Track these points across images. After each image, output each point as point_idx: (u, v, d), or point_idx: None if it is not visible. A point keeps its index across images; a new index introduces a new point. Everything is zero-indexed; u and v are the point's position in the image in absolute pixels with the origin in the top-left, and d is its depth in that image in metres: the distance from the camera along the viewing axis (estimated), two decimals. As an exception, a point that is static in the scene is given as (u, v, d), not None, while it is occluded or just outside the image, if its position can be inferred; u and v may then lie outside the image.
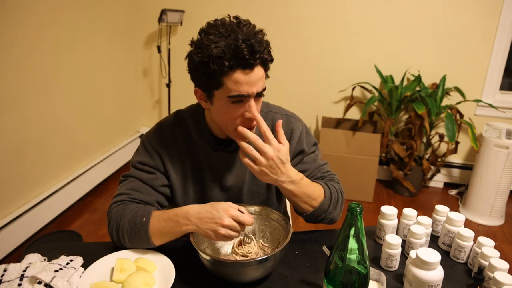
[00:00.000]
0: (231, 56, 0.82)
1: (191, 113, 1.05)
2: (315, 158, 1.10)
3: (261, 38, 0.86)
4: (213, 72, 0.84)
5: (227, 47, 0.81)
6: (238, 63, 0.83)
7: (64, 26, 2.27)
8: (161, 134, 1.03)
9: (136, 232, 0.91)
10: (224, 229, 0.83)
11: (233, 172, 1.05)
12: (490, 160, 2.41)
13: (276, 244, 0.96)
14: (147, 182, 1.00)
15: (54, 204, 2.27)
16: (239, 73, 0.84)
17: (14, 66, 1.95)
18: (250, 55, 0.82)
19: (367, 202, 2.67)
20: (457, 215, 0.98)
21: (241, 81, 0.85)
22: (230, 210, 0.84)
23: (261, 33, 0.87)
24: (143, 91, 3.28)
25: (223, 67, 0.82)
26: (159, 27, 2.98)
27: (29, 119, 2.08)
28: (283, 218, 0.96)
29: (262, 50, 0.84)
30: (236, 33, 0.82)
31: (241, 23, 0.86)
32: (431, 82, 2.75)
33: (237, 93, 0.86)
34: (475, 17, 2.58)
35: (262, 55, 0.85)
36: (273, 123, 1.05)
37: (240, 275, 0.84)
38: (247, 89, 0.86)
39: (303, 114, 1.15)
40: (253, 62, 0.84)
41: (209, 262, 0.83)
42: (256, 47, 0.83)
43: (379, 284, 0.80)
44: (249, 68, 0.84)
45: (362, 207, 0.66)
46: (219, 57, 0.82)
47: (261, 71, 0.88)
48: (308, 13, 2.80)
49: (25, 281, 0.80)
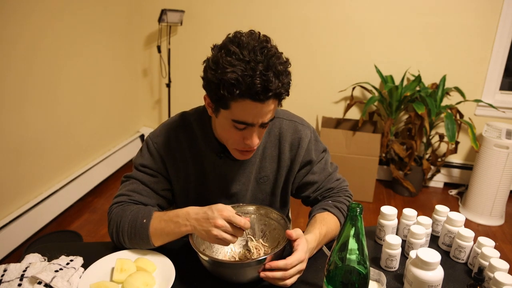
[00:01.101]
0: (244, 87, 0.78)
1: (197, 117, 1.02)
2: (325, 166, 1.08)
3: (281, 71, 0.80)
4: (222, 96, 0.80)
5: (243, 77, 0.77)
6: (249, 93, 0.79)
7: (64, 26, 2.27)
8: (165, 137, 1.01)
9: (136, 233, 0.91)
10: (216, 230, 0.80)
11: (237, 179, 1.04)
12: (490, 160, 2.41)
13: (276, 244, 0.95)
14: (149, 185, 0.99)
15: (54, 204, 2.27)
16: (248, 102, 0.80)
17: (14, 66, 1.95)
18: (263, 90, 0.78)
19: (367, 202, 2.67)
20: (457, 215, 0.97)
21: (249, 111, 0.82)
22: (224, 211, 0.81)
23: (284, 64, 0.81)
24: (143, 91, 3.28)
25: (233, 94, 0.79)
26: (159, 27, 2.98)
27: (29, 119, 2.08)
28: (282, 217, 0.95)
29: (278, 87, 0.79)
30: (256, 62, 0.77)
31: (266, 48, 0.80)
32: (431, 82, 2.75)
33: (242, 120, 0.84)
34: (475, 17, 2.58)
35: (276, 91, 0.80)
36: (281, 130, 1.03)
37: (240, 275, 0.83)
38: (253, 119, 0.84)
39: (303, 114, 1.14)
40: (265, 97, 0.80)
41: (208, 263, 0.83)
42: (272, 84, 0.78)
43: (379, 285, 0.80)
44: (260, 102, 0.80)
45: (362, 207, 0.66)
46: (232, 84, 0.78)
47: (273, 105, 0.84)
48: (308, 13, 2.80)
49: (25, 281, 0.80)
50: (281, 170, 1.05)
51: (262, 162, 1.04)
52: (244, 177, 1.04)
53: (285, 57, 0.84)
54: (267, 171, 1.05)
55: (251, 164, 1.03)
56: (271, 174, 1.06)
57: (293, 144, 1.03)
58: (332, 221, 0.98)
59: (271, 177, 1.06)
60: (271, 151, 1.04)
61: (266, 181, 1.06)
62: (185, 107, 1.11)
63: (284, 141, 1.03)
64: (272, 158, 1.05)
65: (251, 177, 1.04)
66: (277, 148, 1.04)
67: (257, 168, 1.04)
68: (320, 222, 0.96)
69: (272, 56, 0.79)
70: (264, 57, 0.78)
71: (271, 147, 1.04)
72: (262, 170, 1.05)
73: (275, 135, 1.04)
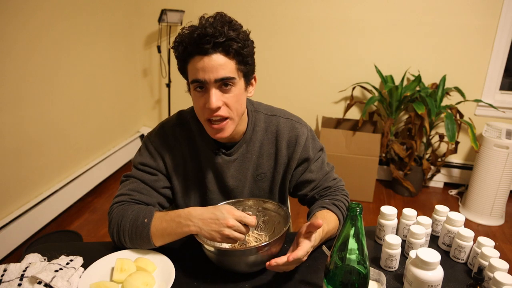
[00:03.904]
0: (187, 42, 0.85)
1: (194, 114, 1.03)
2: (322, 165, 1.08)
3: (227, 23, 0.85)
4: (178, 59, 0.90)
5: (186, 34, 0.86)
6: (194, 49, 0.85)
7: (64, 26, 2.27)
8: (163, 135, 1.02)
9: (137, 232, 0.91)
10: (228, 230, 0.83)
11: (233, 175, 1.05)
12: (490, 160, 2.41)
13: (272, 230, 0.97)
14: (149, 183, 1.00)
15: (54, 204, 2.27)
16: (196, 59, 0.86)
17: (14, 66, 1.95)
18: (201, 38, 0.84)
19: (367, 202, 2.67)
20: (457, 215, 0.97)
21: (197, 66, 0.86)
22: (234, 211, 0.85)
23: (230, 24, 0.86)
24: (143, 91, 3.28)
25: (183, 54, 0.87)
26: (159, 27, 2.98)
27: (29, 119, 2.08)
28: (278, 206, 0.98)
29: (217, 35, 0.84)
30: (204, 24, 0.85)
31: (220, 14, 0.87)
32: (431, 82, 2.75)
33: (195, 78, 0.88)
34: (475, 17, 2.58)
35: (217, 40, 0.84)
36: (278, 127, 1.04)
37: (244, 263, 0.84)
38: (203, 75, 0.86)
39: (303, 114, 1.15)
40: (208, 48, 0.84)
41: (213, 254, 0.85)
42: (210, 32, 0.83)
43: (379, 284, 0.80)
44: (205, 54, 0.85)
45: (362, 207, 0.66)
46: (180, 43, 0.87)
47: (222, 58, 0.86)
48: (308, 13, 2.80)
49: (25, 281, 0.80)
50: (278, 167, 1.06)
51: (259, 159, 1.05)
52: (240, 174, 1.05)
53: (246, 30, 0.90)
54: (264, 168, 1.06)
55: (247, 160, 1.04)
56: (269, 171, 1.07)
57: (290, 141, 1.04)
58: (332, 219, 0.98)
59: (269, 174, 1.07)
60: (268, 148, 1.05)
61: (263, 178, 1.07)
62: (185, 107, 1.11)
63: (281, 138, 1.04)
64: (269, 156, 1.05)
65: (248, 173, 1.05)
66: (274, 146, 1.05)
67: (254, 165, 1.05)
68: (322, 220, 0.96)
69: (221, 18, 0.86)
70: (213, 20, 0.86)
71: (268, 144, 1.05)
72: (259, 167, 1.06)
73: (272, 132, 1.05)
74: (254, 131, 1.04)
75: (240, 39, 0.87)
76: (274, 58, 2.92)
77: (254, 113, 1.05)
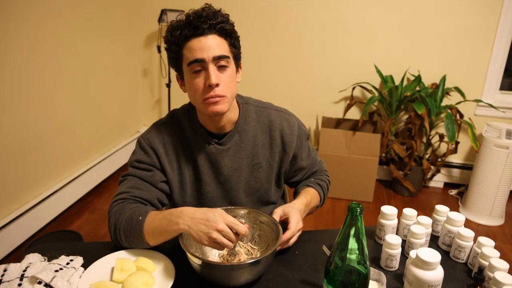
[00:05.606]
0: (182, 26, 0.90)
1: (184, 110, 1.08)
2: (309, 151, 1.18)
3: (214, 11, 0.92)
4: (171, 48, 0.93)
5: (180, 20, 0.92)
6: (190, 32, 0.90)
7: (64, 26, 2.27)
8: (156, 132, 1.05)
9: (131, 230, 0.91)
10: (216, 233, 0.80)
11: (228, 165, 1.06)
12: (490, 160, 2.41)
13: (265, 247, 0.95)
14: (146, 179, 1.01)
15: (54, 204, 2.27)
16: (192, 42, 0.91)
17: (14, 66, 1.95)
18: (197, 20, 0.89)
19: (367, 202, 2.67)
20: (457, 215, 0.98)
21: (195, 47, 0.91)
22: (226, 216, 0.82)
23: (219, 12, 0.93)
24: (143, 91, 3.28)
25: (179, 38, 0.91)
26: (159, 27, 2.98)
27: (29, 119, 2.08)
28: (272, 221, 0.94)
29: (211, 17, 0.90)
30: (197, 10, 0.91)
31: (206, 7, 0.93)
32: (431, 82, 2.75)
33: (193, 58, 0.91)
34: (475, 17, 2.58)
35: (212, 22, 0.90)
36: (270, 118, 1.08)
37: (232, 278, 0.82)
38: (201, 54, 0.90)
39: (303, 114, 1.16)
40: (204, 28, 0.90)
41: (198, 266, 0.81)
42: (205, 14, 0.90)
43: (379, 284, 0.80)
44: (202, 35, 0.90)
45: (362, 207, 0.66)
46: (174, 29, 0.92)
47: (217, 39, 0.92)
48: (308, 13, 2.80)
49: (25, 281, 0.80)
50: (274, 156, 1.09)
51: (254, 149, 1.07)
52: (235, 163, 1.06)
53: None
54: (260, 158, 1.08)
55: (242, 150, 1.06)
56: (264, 161, 1.09)
57: (284, 131, 1.08)
58: (313, 193, 1.13)
59: (265, 164, 1.09)
60: (262, 138, 1.07)
61: (259, 168, 1.09)
62: (184, 107, 1.12)
63: (275, 128, 1.07)
64: (264, 145, 1.08)
65: (243, 163, 1.07)
66: (268, 135, 1.08)
67: (250, 155, 1.07)
68: (304, 193, 1.12)
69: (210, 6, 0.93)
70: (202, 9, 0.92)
71: (262, 134, 1.07)
72: (255, 157, 1.08)
73: (264, 122, 1.08)
74: (246, 122, 1.07)
75: (230, 23, 0.95)
76: (274, 58, 2.92)
77: (245, 105, 1.08)
